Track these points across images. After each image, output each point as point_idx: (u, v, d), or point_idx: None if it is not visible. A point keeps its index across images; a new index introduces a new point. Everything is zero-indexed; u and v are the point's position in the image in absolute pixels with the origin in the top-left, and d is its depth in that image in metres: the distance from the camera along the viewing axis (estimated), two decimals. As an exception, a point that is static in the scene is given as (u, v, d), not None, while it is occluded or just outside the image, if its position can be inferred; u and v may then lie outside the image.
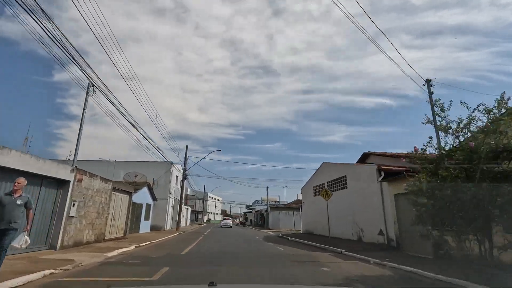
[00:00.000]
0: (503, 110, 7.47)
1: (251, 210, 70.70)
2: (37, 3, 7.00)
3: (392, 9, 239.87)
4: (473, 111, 7.67)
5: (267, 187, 48.90)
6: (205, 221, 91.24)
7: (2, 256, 5.13)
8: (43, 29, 7.55)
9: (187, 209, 45.31)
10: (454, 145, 8.07)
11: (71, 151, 19.20)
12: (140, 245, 12.83)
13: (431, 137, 8.58)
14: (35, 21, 7.26)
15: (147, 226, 24.64)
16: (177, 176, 31.54)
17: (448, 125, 8.13)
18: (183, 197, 29.70)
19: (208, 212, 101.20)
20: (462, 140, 7.96)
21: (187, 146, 29.92)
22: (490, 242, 6.95)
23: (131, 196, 16.89)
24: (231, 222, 45.37)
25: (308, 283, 6.03)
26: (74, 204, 10.36)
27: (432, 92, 14.24)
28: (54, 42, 8.01)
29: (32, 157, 8.46)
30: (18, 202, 5.30)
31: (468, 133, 7.91)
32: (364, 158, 19.42)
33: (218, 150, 30.02)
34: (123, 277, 6.35)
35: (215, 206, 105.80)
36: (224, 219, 48.22)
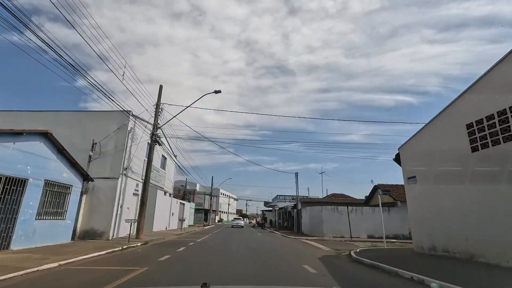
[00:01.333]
0: None
1: (270, 208, 56.65)
2: None
3: (412, 3, 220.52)
4: None
5: (296, 173, 34.41)
6: (216, 221, 78.28)
7: None
8: None
9: (182, 204, 32.07)
10: None
11: None
12: None
13: None
14: None
15: (60, 230, 11.41)
16: (148, 143, 18.22)
17: None
18: (149, 175, 16.22)
19: (220, 212, 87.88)
20: None
21: (161, 86, 16.54)
22: None
23: None
24: (243, 222, 43.97)
25: None
26: None
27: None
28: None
29: None
30: None
31: None
32: None
33: (217, 92, 16.44)
34: None
35: (229, 205, 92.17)
36: (235, 219, 45.78)
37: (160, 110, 16.23)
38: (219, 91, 16.41)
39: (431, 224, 9.82)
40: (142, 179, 17.76)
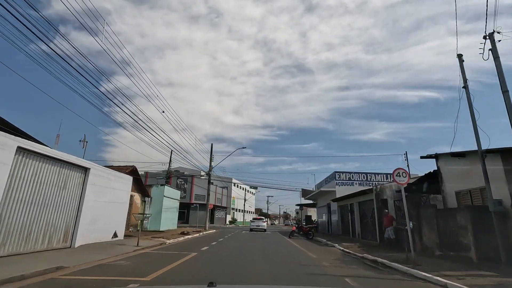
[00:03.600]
0: None
1: (313, 201, 34.60)
2: None
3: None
4: None
5: (463, 89, 11.77)
6: (227, 222, 57.12)
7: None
8: None
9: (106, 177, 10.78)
10: None
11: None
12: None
13: None
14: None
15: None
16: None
17: None
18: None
19: (233, 210, 66.29)
20: None
21: None
22: None
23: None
24: (265, 224, 30.91)
25: None
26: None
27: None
28: None
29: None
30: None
31: None
32: None
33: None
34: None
35: (245, 200, 70.09)
36: (254, 219, 32.30)
37: None
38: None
39: None
40: None
